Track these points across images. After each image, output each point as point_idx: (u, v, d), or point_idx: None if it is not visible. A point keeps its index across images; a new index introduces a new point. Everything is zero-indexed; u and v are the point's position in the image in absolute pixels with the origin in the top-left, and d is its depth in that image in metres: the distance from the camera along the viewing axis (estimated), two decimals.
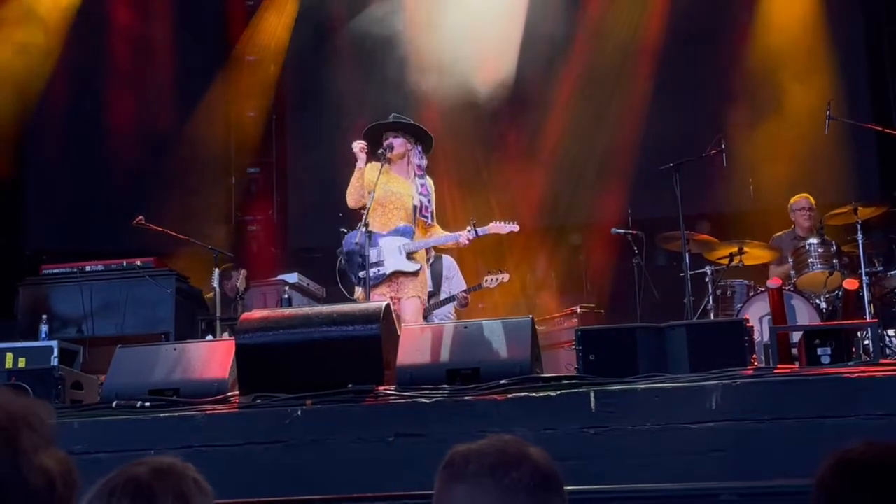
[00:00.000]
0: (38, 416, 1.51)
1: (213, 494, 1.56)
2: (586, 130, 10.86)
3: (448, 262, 8.58)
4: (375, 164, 6.78)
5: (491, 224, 6.91)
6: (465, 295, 8.34)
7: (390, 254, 6.64)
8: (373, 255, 6.50)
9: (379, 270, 6.57)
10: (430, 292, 8.19)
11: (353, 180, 6.81)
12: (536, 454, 1.67)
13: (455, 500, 1.63)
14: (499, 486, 1.61)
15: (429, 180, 6.90)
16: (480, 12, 10.24)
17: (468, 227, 6.77)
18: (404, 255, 6.64)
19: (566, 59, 11.01)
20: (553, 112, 10.99)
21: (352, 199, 6.81)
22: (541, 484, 1.64)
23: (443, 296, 8.38)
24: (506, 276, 8.21)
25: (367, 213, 6.50)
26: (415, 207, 6.72)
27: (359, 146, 6.74)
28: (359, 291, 6.57)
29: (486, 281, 8.20)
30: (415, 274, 6.66)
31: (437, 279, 8.38)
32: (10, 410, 1.48)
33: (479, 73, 10.14)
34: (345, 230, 6.86)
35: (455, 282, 8.53)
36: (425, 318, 7.90)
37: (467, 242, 6.80)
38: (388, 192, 6.70)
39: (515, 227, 6.95)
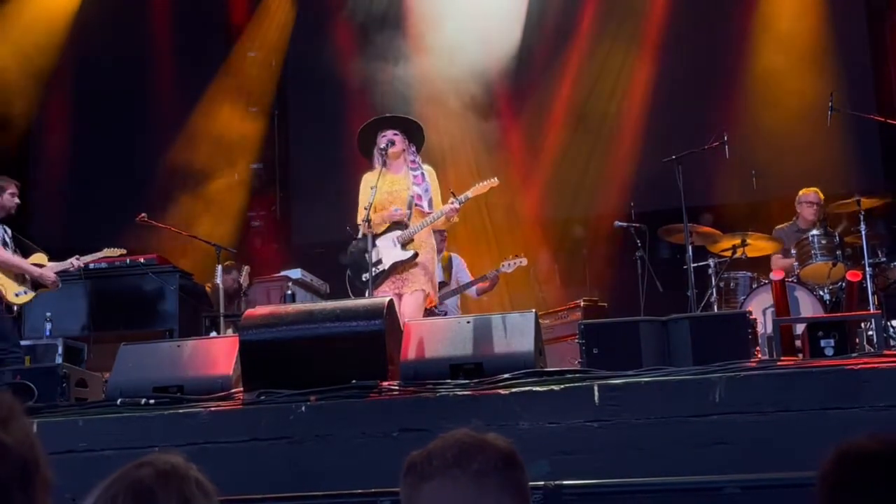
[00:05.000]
0: None
1: (215, 494, 1.55)
2: (588, 124, 10.86)
3: (457, 259, 8.80)
4: (370, 173, 6.81)
5: (470, 189, 6.86)
6: (496, 274, 8.47)
7: (386, 248, 6.64)
8: (373, 256, 6.51)
9: (379, 268, 6.57)
10: (441, 282, 8.31)
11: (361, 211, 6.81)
12: (493, 438, 1.70)
13: (427, 497, 1.64)
14: (468, 473, 1.63)
15: (427, 169, 6.86)
16: (482, 7, 10.24)
17: (451, 199, 6.73)
18: (399, 245, 6.64)
19: (568, 52, 11.01)
20: (555, 105, 10.99)
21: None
22: (507, 464, 1.67)
23: (453, 286, 8.58)
24: (524, 261, 8.39)
25: (370, 210, 6.49)
26: (410, 198, 6.71)
27: None
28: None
29: (504, 265, 8.37)
30: (412, 262, 6.63)
31: (449, 271, 8.65)
32: None
33: (481, 67, 10.14)
34: (354, 241, 6.85)
35: (462, 277, 8.71)
36: (436, 306, 7.99)
37: (454, 213, 6.71)
38: (386, 193, 6.69)
39: (495, 182, 6.89)
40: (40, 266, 7.26)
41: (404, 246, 6.62)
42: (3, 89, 10.37)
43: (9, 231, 7.46)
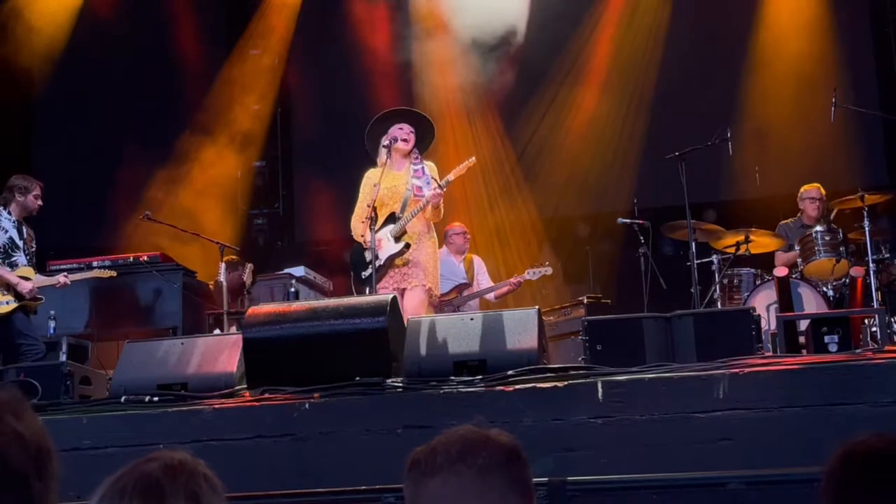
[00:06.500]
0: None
1: (224, 490, 1.56)
2: (591, 121, 10.86)
3: (478, 261, 8.90)
4: (373, 170, 6.81)
5: (451, 172, 6.83)
6: (518, 281, 8.54)
7: (383, 244, 6.64)
8: (371, 254, 6.52)
9: (377, 264, 6.57)
10: (464, 283, 8.34)
11: (358, 210, 6.82)
12: (497, 434, 1.70)
13: (431, 493, 1.63)
14: (472, 468, 1.62)
15: (429, 164, 6.84)
16: (486, 10, 10.25)
17: (434, 186, 6.72)
18: (392, 239, 6.64)
19: (570, 51, 11.01)
20: (557, 104, 10.99)
21: (359, 229, 6.79)
22: (511, 459, 1.67)
23: (475, 287, 8.64)
24: (549, 270, 8.45)
25: (373, 207, 6.49)
26: (407, 193, 6.69)
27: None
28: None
29: (529, 273, 8.46)
30: (412, 257, 6.61)
31: (471, 272, 8.74)
32: None
33: (486, 68, 10.15)
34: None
35: (482, 279, 8.77)
36: (459, 307, 8.02)
37: (439, 198, 6.61)
38: (385, 189, 6.67)
39: (472, 161, 6.85)
40: (27, 279, 7.14)
41: (397, 239, 6.62)
42: (6, 84, 10.39)
43: (31, 232, 7.40)
